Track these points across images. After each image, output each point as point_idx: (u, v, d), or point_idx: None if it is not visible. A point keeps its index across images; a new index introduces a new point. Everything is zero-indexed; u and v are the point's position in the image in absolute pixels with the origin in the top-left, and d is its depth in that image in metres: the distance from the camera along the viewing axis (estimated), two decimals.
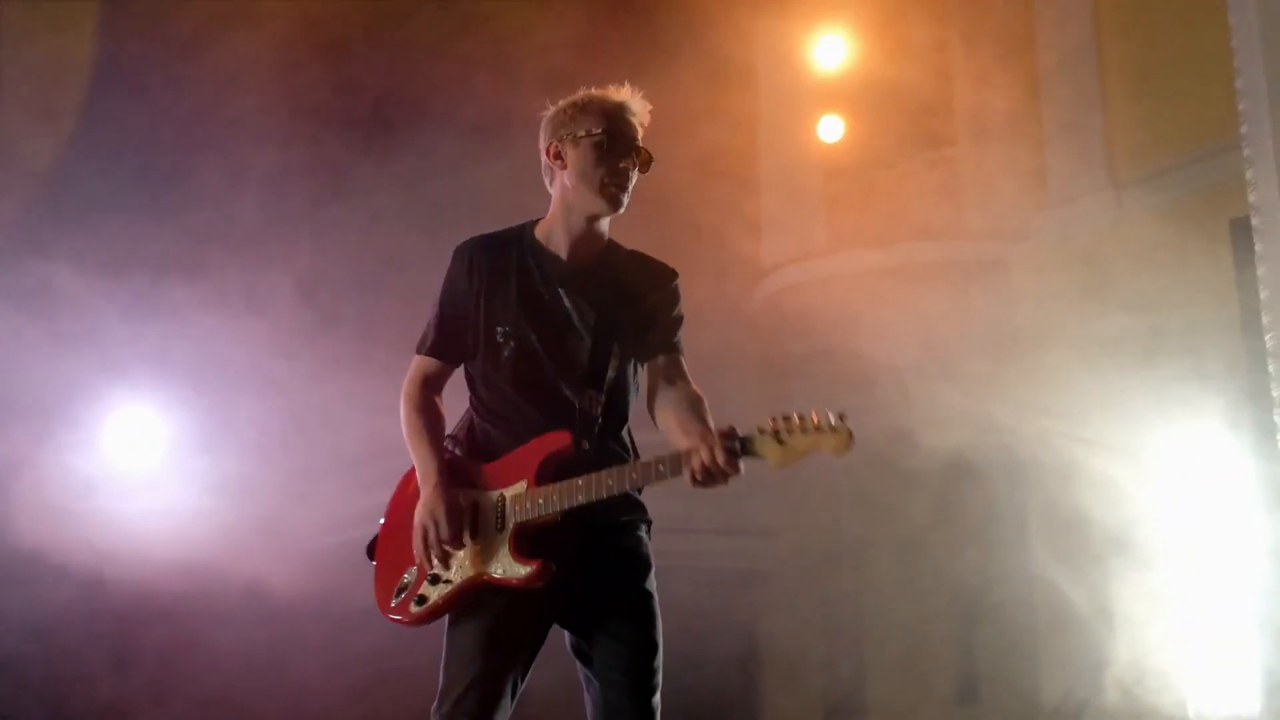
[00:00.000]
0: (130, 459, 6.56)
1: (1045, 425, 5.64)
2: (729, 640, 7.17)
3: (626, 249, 3.14)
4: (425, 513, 2.90)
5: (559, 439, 2.90)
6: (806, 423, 2.61)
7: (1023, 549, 6.30)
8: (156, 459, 6.61)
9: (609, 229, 3.11)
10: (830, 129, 8.02)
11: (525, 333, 2.99)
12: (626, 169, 2.98)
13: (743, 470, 2.66)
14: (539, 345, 2.98)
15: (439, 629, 3.00)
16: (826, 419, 2.60)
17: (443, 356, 3.09)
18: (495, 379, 3.01)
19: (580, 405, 2.97)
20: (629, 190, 3.00)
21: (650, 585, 3.02)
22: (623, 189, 2.99)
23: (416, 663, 3.50)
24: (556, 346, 3.00)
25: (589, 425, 2.97)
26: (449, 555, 2.90)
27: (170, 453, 6.62)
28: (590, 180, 2.97)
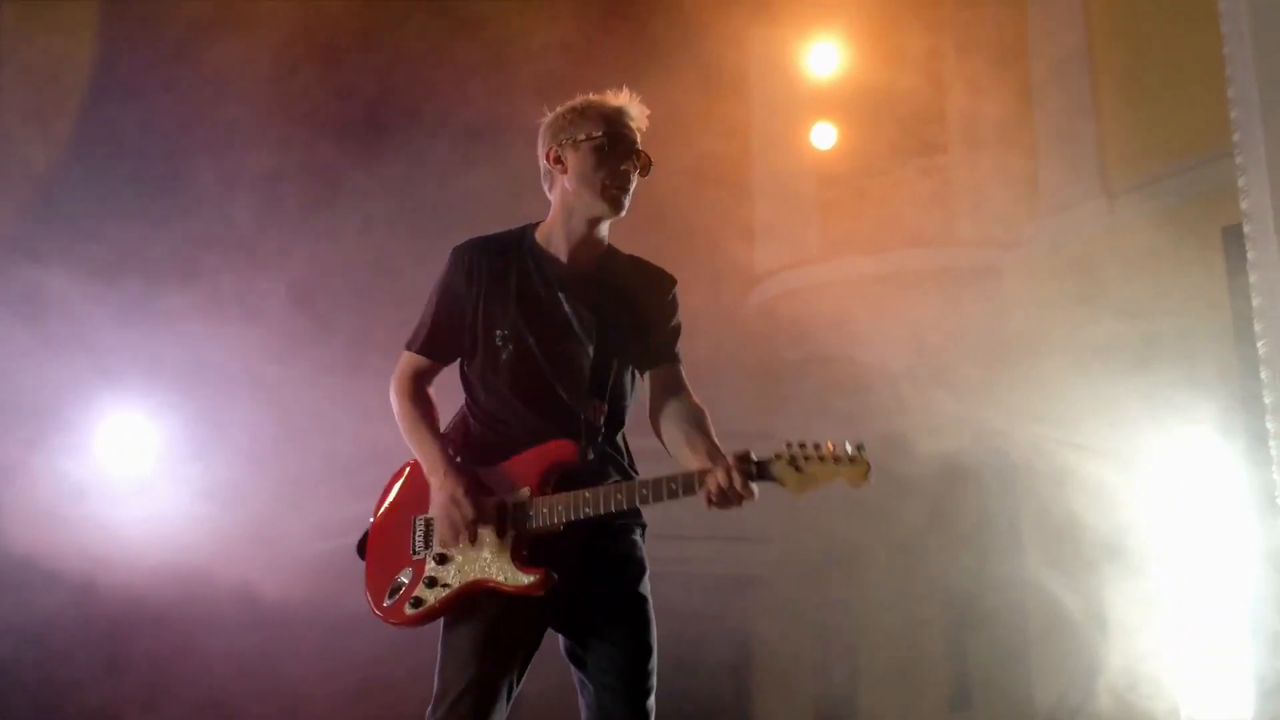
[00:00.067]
0: (122, 465, 6.53)
1: (1038, 431, 5.65)
2: (722, 646, 7.17)
3: (625, 254, 3.14)
4: (444, 496, 2.88)
5: (564, 449, 2.90)
6: (824, 451, 2.63)
7: (1016, 555, 6.31)
8: (148, 465, 6.58)
9: (608, 234, 3.12)
10: (823, 136, 8.03)
11: (524, 336, 2.98)
12: (627, 171, 2.99)
13: (757, 495, 2.68)
14: (538, 350, 2.98)
15: (433, 634, 3.00)
16: (845, 449, 2.63)
17: (433, 355, 3.08)
18: (494, 382, 3.00)
19: (585, 415, 2.97)
20: (630, 193, 3.01)
21: (645, 589, 3.02)
22: (624, 191, 2.99)
23: (409, 668, 3.49)
24: (555, 351, 2.99)
25: (593, 435, 2.97)
26: (479, 535, 2.87)
27: (162, 458, 6.60)
28: (591, 183, 2.97)
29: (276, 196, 6.60)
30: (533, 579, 2.82)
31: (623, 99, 3.04)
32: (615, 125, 2.99)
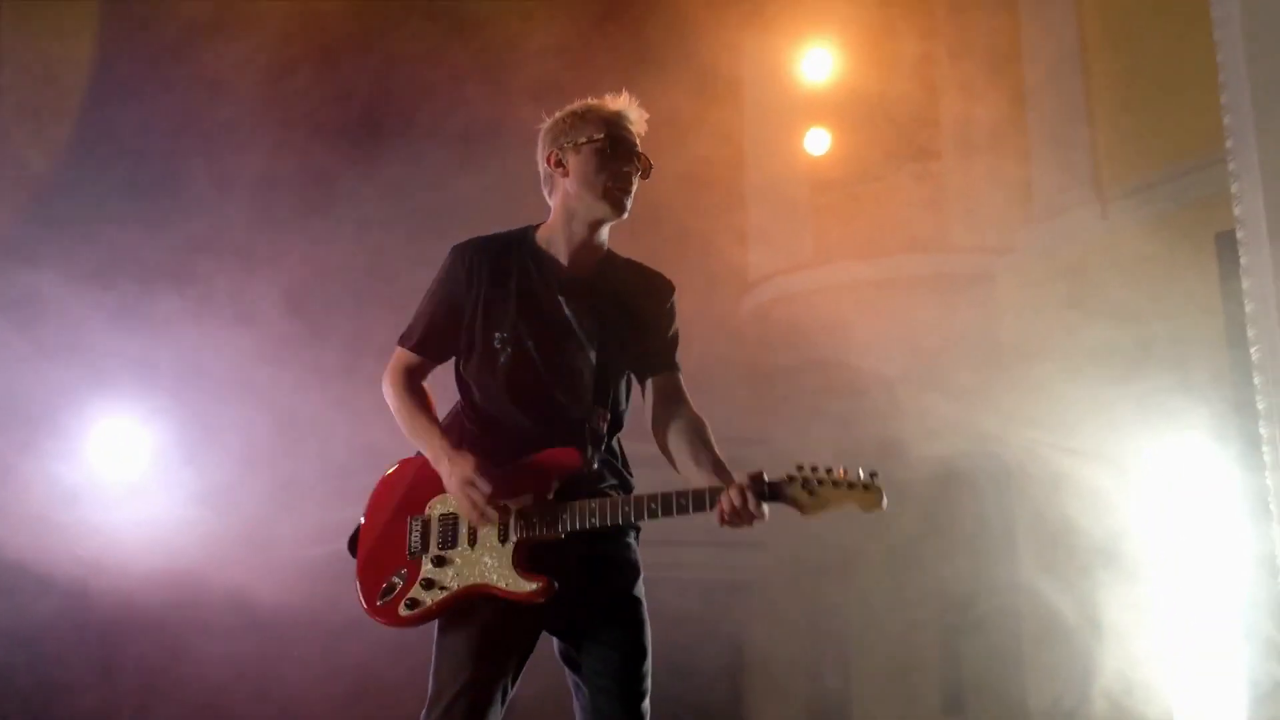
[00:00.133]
0: (115, 469, 6.51)
1: (1033, 436, 5.65)
2: (717, 650, 7.16)
3: (623, 258, 3.15)
4: (457, 480, 2.85)
5: (571, 458, 2.89)
6: (837, 476, 2.66)
7: (1010, 559, 6.31)
8: (142, 469, 6.56)
9: (608, 240, 3.12)
10: (817, 141, 8.04)
11: (523, 339, 2.98)
12: (629, 174, 2.99)
13: (768, 515, 2.70)
14: (537, 353, 2.98)
15: (428, 637, 2.99)
16: (858, 475, 2.66)
17: (428, 353, 3.07)
18: (490, 384, 3.00)
19: (590, 423, 2.97)
20: (631, 195, 3.01)
21: (639, 592, 3.02)
22: (626, 193, 2.99)
23: (404, 672, 3.49)
24: (555, 355, 2.99)
25: (597, 443, 2.97)
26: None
27: (155, 463, 6.58)
28: (593, 185, 2.97)
29: (272, 200, 6.59)
30: (535, 586, 2.82)
31: (622, 103, 3.05)
32: (616, 128, 3.00)
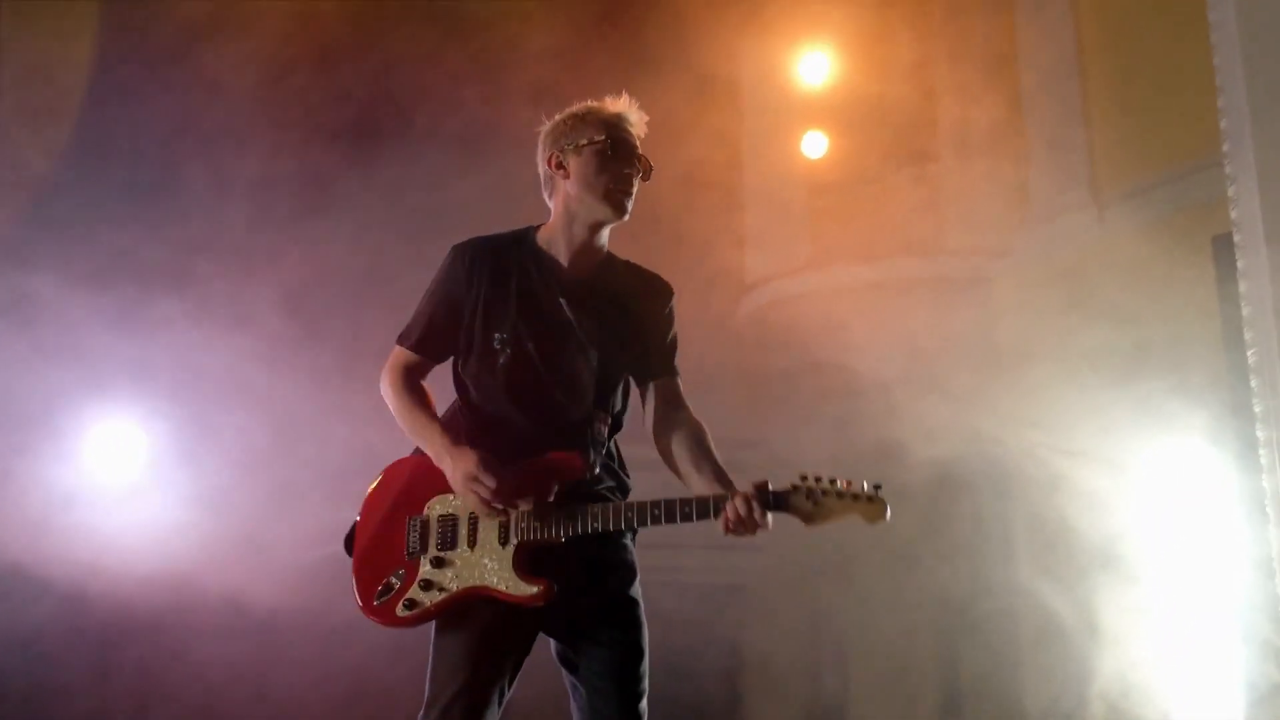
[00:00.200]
0: (112, 472, 6.50)
1: (1031, 438, 5.64)
2: (714, 653, 7.16)
3: (623, 260, 3.16)
4: (461, 477, 2.85)
5: (573, 464, 2.90)
6: (841, 487, 2.70)
7: (1008, 561, 6.31)
8: (138, 472, 6.55)
9: (608, 242, 3.13)
10: (814, 144, 8.04)
11: (523, 341, 2.98)
12: (630, 175, 3.01)
13: (771, 525, 2.73)
14: (537, 354, 2.98)
15: (424, 641, 2.99)
16: (862, 487, 2.69)
17: (426, 352, 3.08)
18: (489, 385, 3.00)
19: (590, 426, 2.98)
20: (632, 196, 3.02)
21: (635, 592, 3.03)
22: (627, 195, 3.00)
23: (401, 674, 3.48)
24: (555, 357, 2.99)
25: (597, 446, 2.98)
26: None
27: (152, 466, 6.57)
28: (595, 187, 2.98)
29: (270, 201, 6.58)
30: (536, 590, 2.83)
31: (622, 104, 3.06)
32: (617, 130, 3.01)
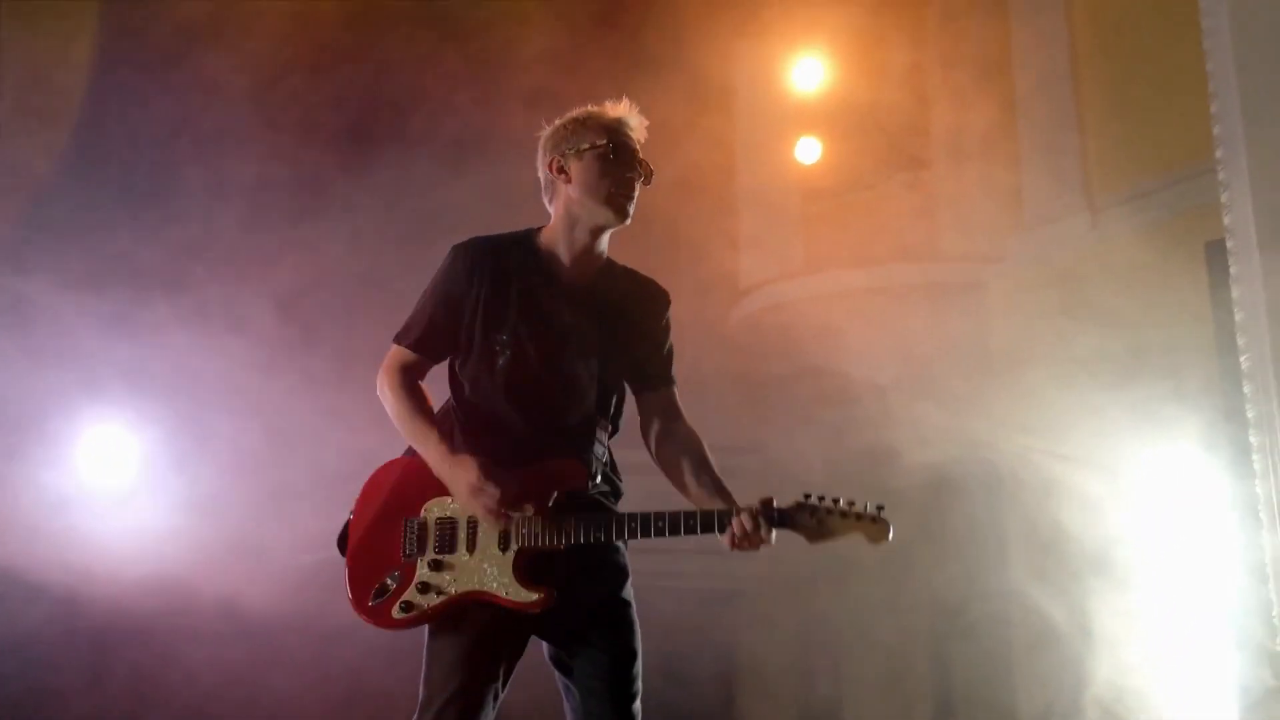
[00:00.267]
0: (105, 477, 6.49)
1: (1025, 442, 5.65)
2: (710, 658, 7.16)
3: (621, 266, 3.16)
4: (464, 487, 2.85)
5: (575, 473, 2.92)
6: (844, 507, 2.76)
7: (1002, 566, 6.31)
8: (131, 477, 6.55)
9: (608, 247, 3.13)
10: (808, 150, 8.05)
11: (523, 343, 2.98)
12: (632, 179, 3.01)
13: (774, 541, 2.77)
14: (537, 357, 2.98)
15: (417, 645, 2.99)
16: (865, 508, 2.75)
17: (425, 352, 3.07)
18: (487, 386, 2.99)
19: (592, 433, 2.99)
20: (634, 200, 3.03)
21: (628, 594, 3.03)
22: (629, 199, 3.01)
23: (395, 679, 3.48)
24: (555, 361, 3.00)
25: (597, 454, 2.99)
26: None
27: (145, 470, 6.56)
28: (596, 192, 2.99)
29: (264, 206, 6.58)
30: (537, 597, 2.84)
31: (623, 109, 3.07)
32: (618, 134, 3.02)
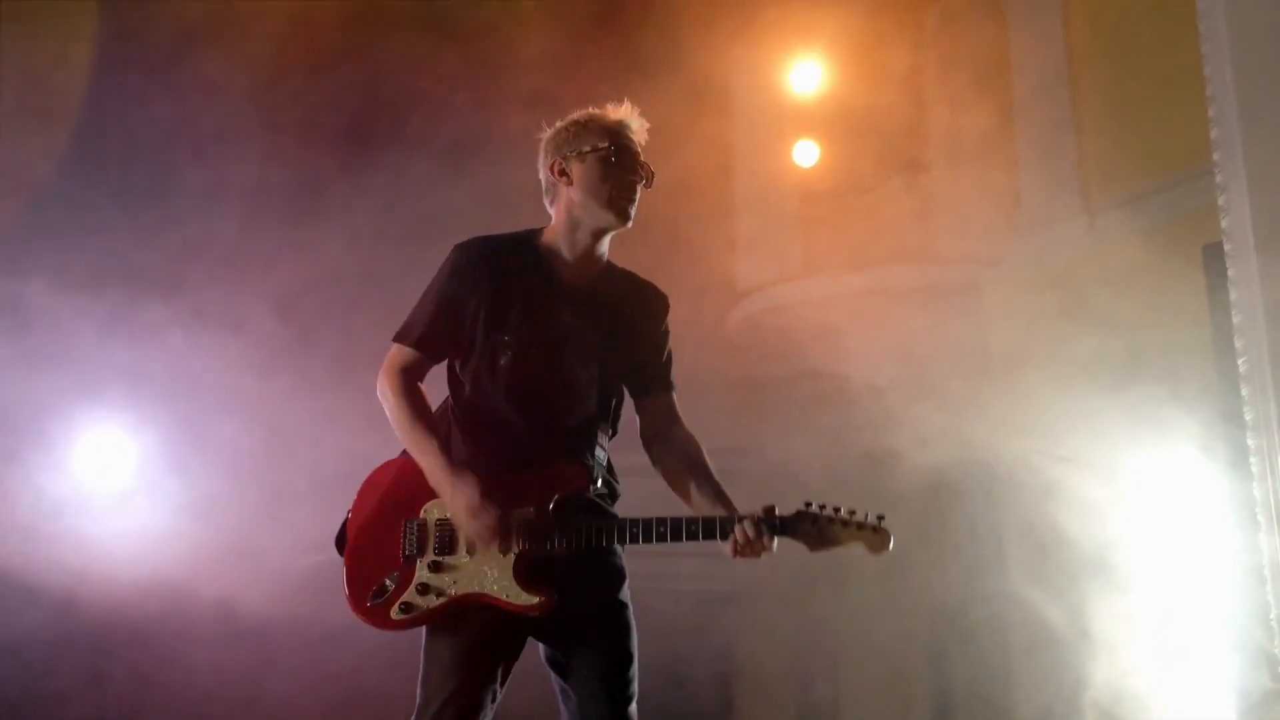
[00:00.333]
0: (102, 479, 6.49)
1: (1023, 444, 5.64)
2: (708, 660, 7.16)
3: (621, 269, 3.17)
4: (461, 506, 2.85)
5: (577, 478, 2.93)
6: (845, 516, 2.78)
7: (1000, 569, 6.30)
8: (129, 478, 6.54)
9: (608, 250, 3.14)
10: (806, 153, 8.05)
11: (525, 344, 2.99)
12: (634, 182, 3.02)
13: (775, 549, 2.80)
14: (538, 359, 2.99)
15: (415, 647, 2.98)
16: (866, 518, 2.77)
17: (427, 351, 3.06)
18: (488, 386, 2.99)
19: (593, 436, 2.99)
20: (636, 204, 3.03)
21: (625, 596, 3.04)
22: (630, 202, 3.02)
23: (392, 681, 3.48)
24: (556, 362, 3.00)
25: (598, 457, 3.00)
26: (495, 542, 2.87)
27: (142, 473, 6.55)
28: (598, 194, 2.99)
29: (262, 208, 6.57)
30: (537, 600, 2.84)
31: (624, 112, 3.08)
32: (620, 137, 3.03)
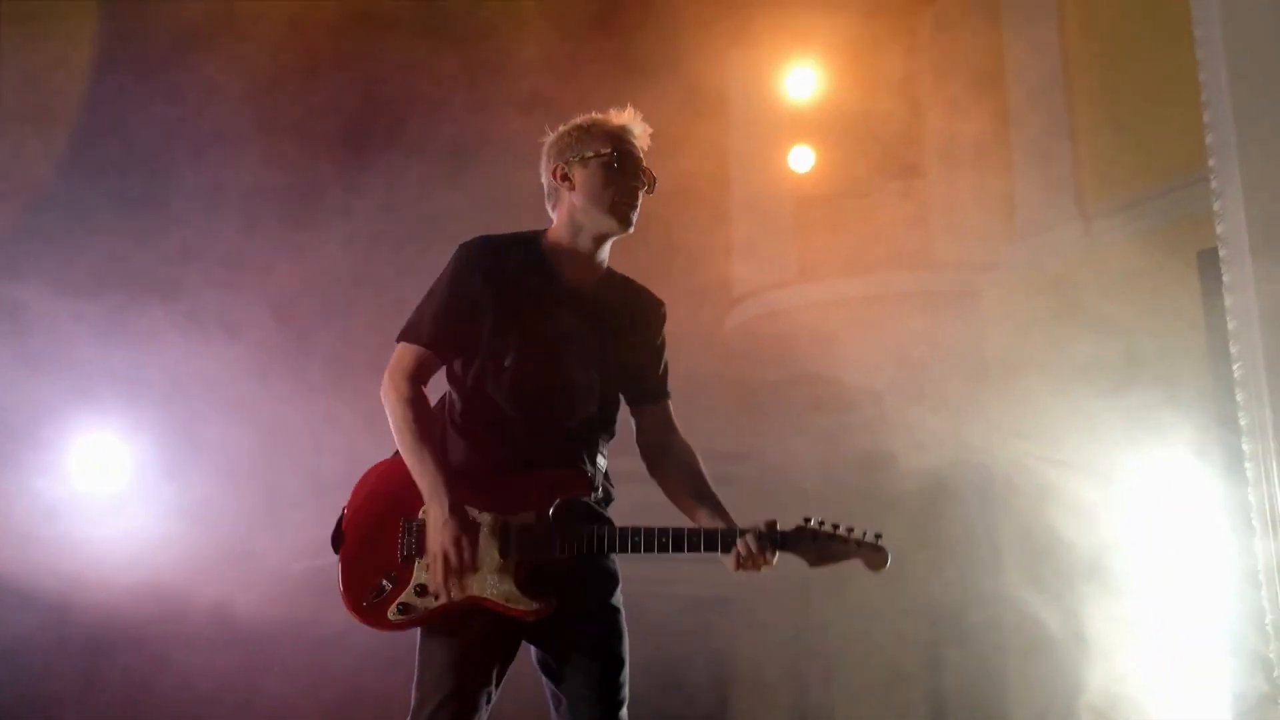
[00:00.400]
0: (97, 483, 6.48)
1: (1020, 447, 5.65)
2: (703, 664, 7.17)
3: (620, 275, 3.17)
4: (445, 537, 2.82)
5: (579, 483, 2.93)
6: (843, 532, 2.83)
7: (996, 572, 6.31)
8: (125, 482, 6.53)
9: (608, 256, 3.14)
10: (801, 158, 8.06)
11: (528, 346, 2.98)
12: (636, 188, 3.02)
13: (775, 562, 2.84)
14: (541, 361, 2.98)
15: (411, 650, 2.98)
16: (865, 535, 2.83)
17: (438, 349, 3.02)
18: (492, 387, 2.98)
19: (594, 441, 3.00)
20: (638, 209, 3.03)
21: (617, 600, 3.04)
22: (633, 207, 3.02)
23: (388, 685, 3.48)
24: (558, 366, 3.00)
25: (598, 463, 3.00)
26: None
27: (138, 477, 6.54)
28: (601, 200, 2.99)
29: (259, 211, 6.57)
30: (537, 605, 2.84)
31: (627, 117, 3.08)
32: (622, 143, 3.03)
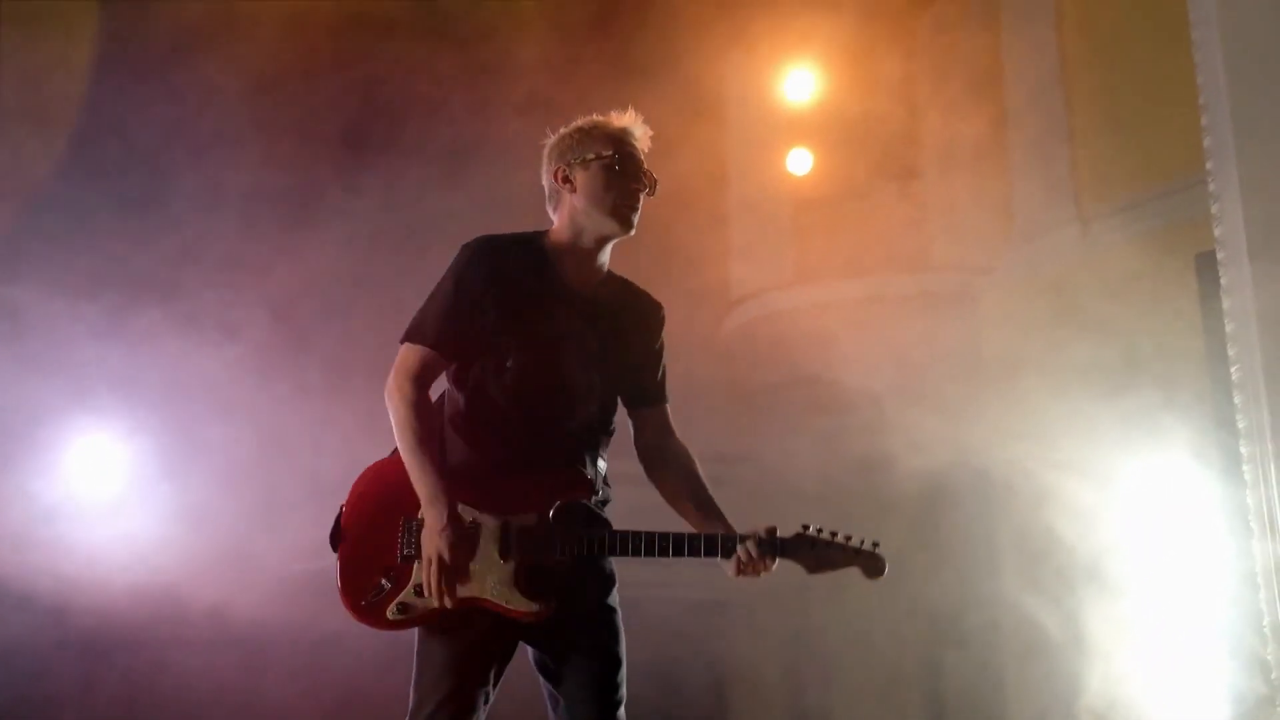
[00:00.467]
0: (95, 485, 6.47)
1: (1018, 449, 5.65)
2: (701, 666, 7.17)
3: (619, 277, 3.17)
4: (441, 543, 2.82)
5: (580, 486, 2.94)
6: (841, 540, 2.87)
7: (995, 574, 6.31)
8: (121, 486, 6.52)
9: (609, 259, 3.14)
10: (799, 161, 8.07)
11: (530, 347, 2.98)
12: (637, 190, 3.02)
13: (774, 569, 2.87)
14: (543, 362, 2.98)
15: (409, 652, 2.98)
16: (863, 544, 2.87)
17: (444, 349, 3.00)
18: (494, 387, 2.97)
19: (594, 443, 3.00)
20: (639, 212, 3.03)
21: (614, 600, 3.04)
22: (634, 210, 3.02)
23: (387, 687, 3.48)
24: (561, 365, 3.00)
25: (598, 465, 3.00)
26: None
27: (135, 479, 6.53)
28: (602, 202, 2.99)
29: (258, 212, 6.57)
30: (538, 607, 2.84)
31: (628, 119, 3.08)
32: (623, 145, 3.03)
